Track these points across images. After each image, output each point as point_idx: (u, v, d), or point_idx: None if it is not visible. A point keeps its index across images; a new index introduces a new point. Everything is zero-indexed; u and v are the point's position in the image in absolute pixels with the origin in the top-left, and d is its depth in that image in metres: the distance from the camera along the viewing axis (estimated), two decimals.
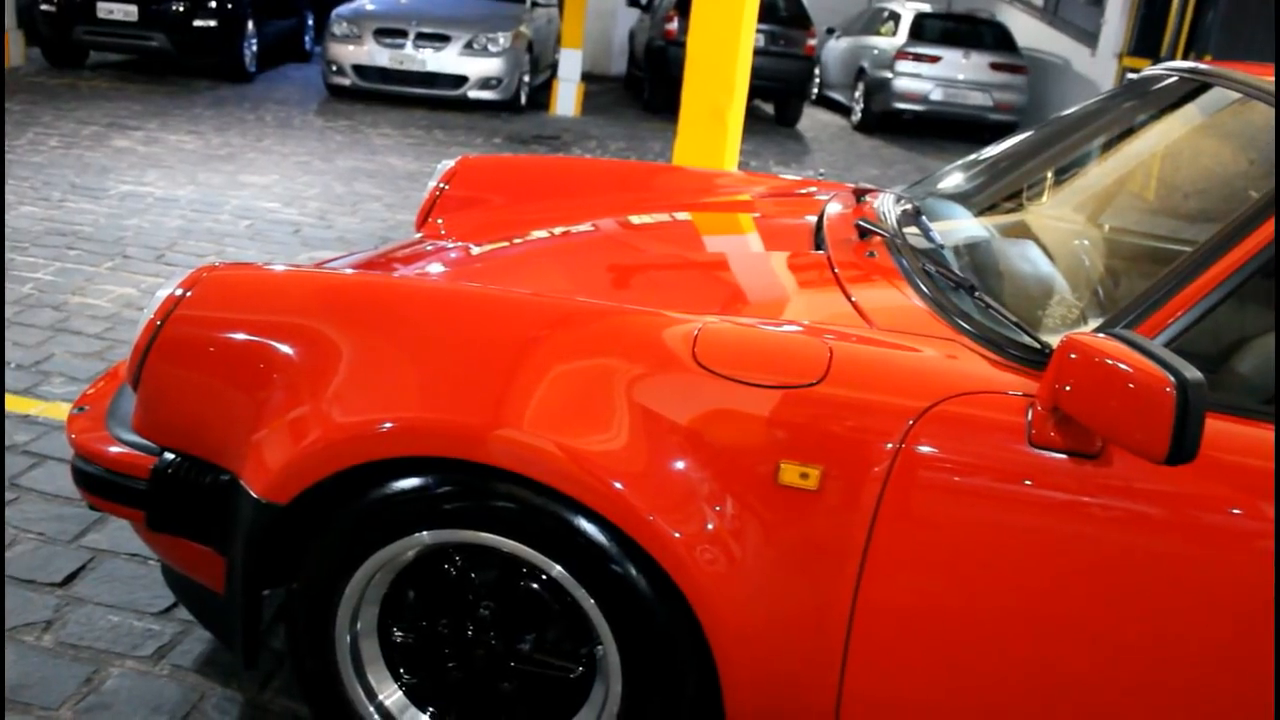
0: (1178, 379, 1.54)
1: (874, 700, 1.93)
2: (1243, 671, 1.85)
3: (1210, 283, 1.79)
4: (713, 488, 1.83)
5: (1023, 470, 1.75)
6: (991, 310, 1.95)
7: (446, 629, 2.06)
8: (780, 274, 2.41)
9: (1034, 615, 1.84)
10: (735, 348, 1.85)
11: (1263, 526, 1.77)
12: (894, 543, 1.79)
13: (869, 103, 13.27)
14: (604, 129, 11.30)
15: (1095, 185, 2.66)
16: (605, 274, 2.52)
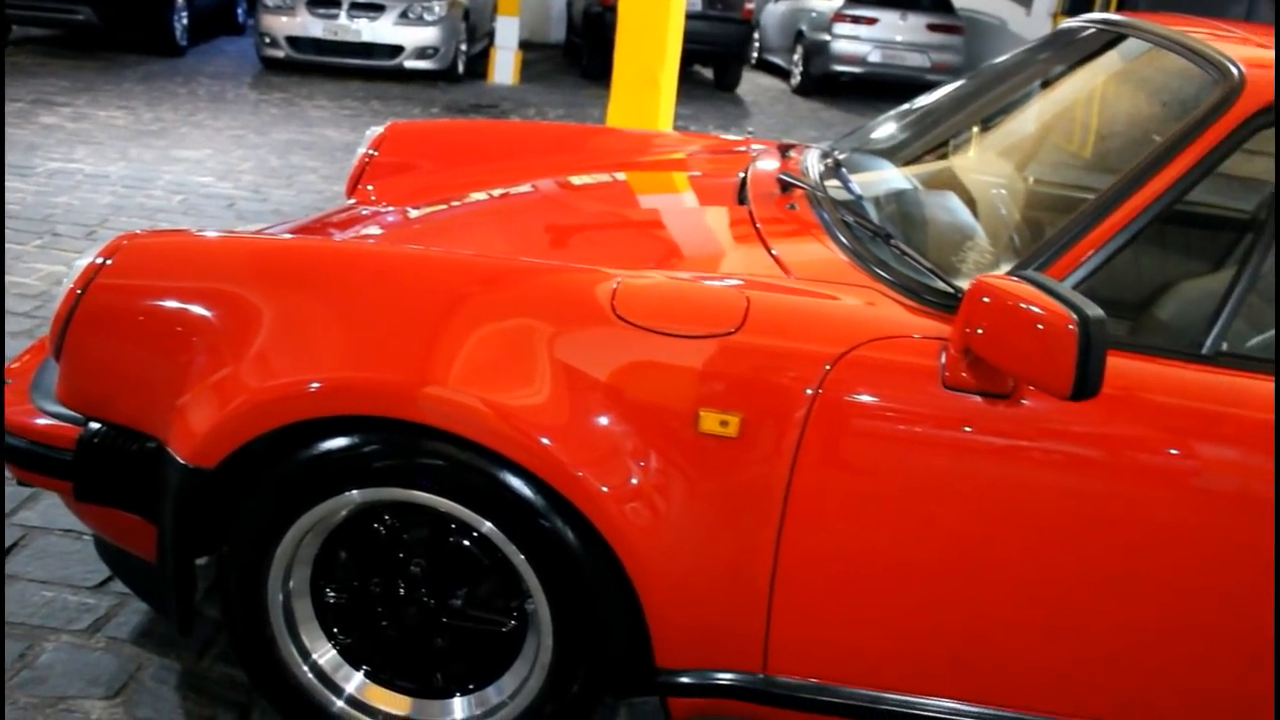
0: (1079, 316, 1.58)
1: (800, 646, 1.97)
2: (1168, 607, 1.91)
3: (1115, 226, 1.84)
4: (637, 439, 1.85)
5: (936, 412, 1.79)
6: (907, 258, 1.99)
7: (379, 588, 2.07)
8: (703, 229, 2.43)
9: (954, 556, 1.88)
10: (654, 300, 1.87)
11: (1184, 464, 1.83)
12: (814, 488, 1.83)
13: (808, 66, 13.29)
14: (543, 97, 11.24)
15: (1015, 136, 2.70)
16: (539, 233, 2.53)
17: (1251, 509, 1.85)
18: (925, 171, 2.62)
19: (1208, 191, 3.14)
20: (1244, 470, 1.84)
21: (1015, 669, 2.00)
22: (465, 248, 2.29)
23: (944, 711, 2.03)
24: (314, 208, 6.24)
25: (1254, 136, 1.92)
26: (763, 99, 12.81)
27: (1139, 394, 1.82)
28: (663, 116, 5.14)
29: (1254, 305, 3.08)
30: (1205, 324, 1.90)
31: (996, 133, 2.70)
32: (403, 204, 2.84)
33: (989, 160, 2.70)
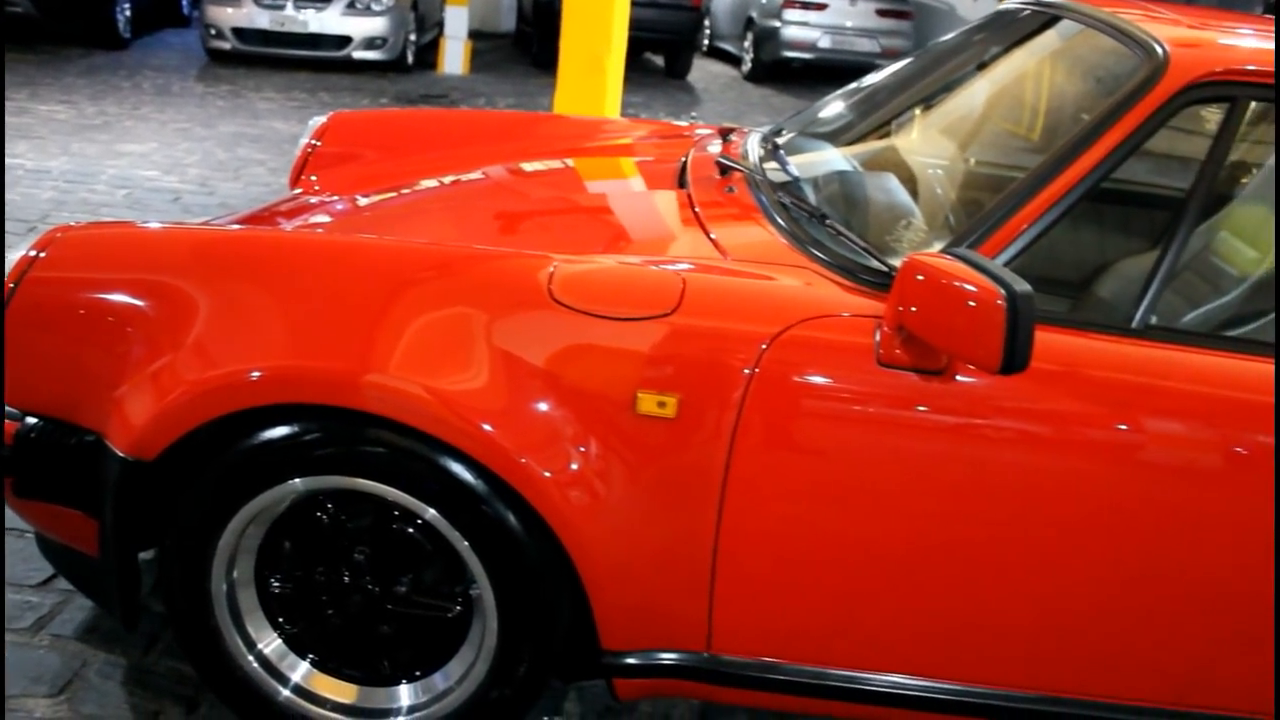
0: (1007, 291, 1.61)
1: (744, 625, 1.99)
2: (1107, 577, 1.95)
3: (1044, 204, 1.88)
4: (577, 423, 1.86)
5: (871, 389, 1.82)
6: (842, 237, 2.01)
7: (323, 576, 2.07)
8: (642, 213, 2.44)
9: (893, 531, 1.91)
10: (590, 284, 1.88)
11: (1114, 436, 1.87)
12: (752, 466, 1.85)
13: (758, 52, 13.32)
14: (493, 86, 11.20)
15: (953, 117, 2.73)
16: (484, 219, 2.52)
17: (1185, 478, 1.89)
18: (865, 152, 2.64)
19: (1141, 170, 3.19)
20: (1175, 441, 1.89)
21: (959, 642, 2.04)
22: (415, 235, 2.29)
23: (889, 686, 2.06)
24: (261, 200, 6.17)
25: (1179, 114, 1.95)
26: (714, 86, 12.83)
27: (1068, 368, 1.86)
28: (610, 103, 5.14)
29: (1190, 281, 3.14)
30: (1135, 299, 1.93)
31: (935, 114, 2.73)
32: (347, 193, 2.83)
33: (928, 141, 2.73)
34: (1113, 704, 2.09)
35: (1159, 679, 2.08)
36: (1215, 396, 1.90)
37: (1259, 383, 1.93)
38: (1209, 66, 1.95)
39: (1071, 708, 2.08)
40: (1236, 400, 1.92)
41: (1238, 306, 2.83)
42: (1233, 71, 1.96)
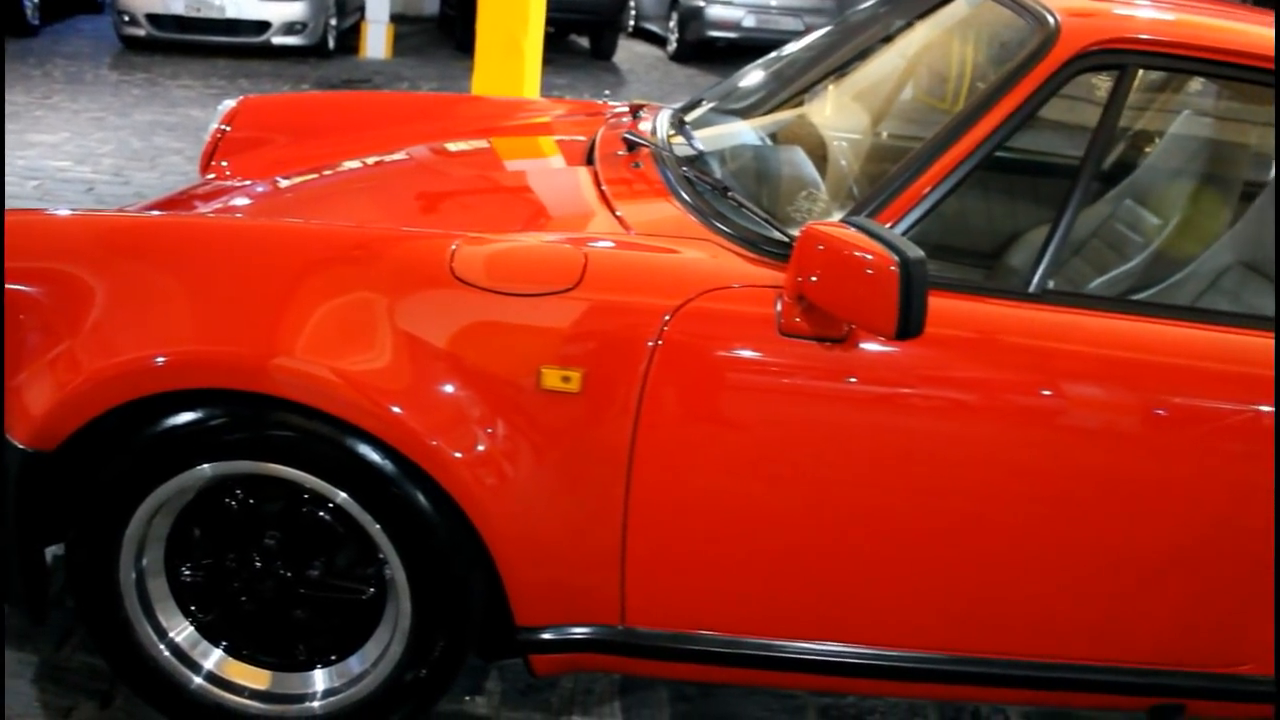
0: (900, 257, 1.63)
1: (657, 596, 2.01)
2: (1010, 539, 2.00)
3: (940, 173, 1.90)
4: (483, 401, 1.86)
5: (773, 359, 1.84)
6: (744, 209, 2.02)
7: (234, 562, 2.05)
8: (549, 191, 2.44)
9: (801, 499, 1.93)
10: (492, 261, 1.88)
11: (1011, 398, 1.90)
12: (658, 438, 1.86)
13: (683, 32, 13.30)
14: (416, 70, 11.09)
15: (859, 87, 2.76)
16: (387, 201, 2.50)
17: (1081, 438, 1.94)
18: (775, 125, 2.66)
19: (1056, 140, 3.25)
20: (1070, 402, 1.93)
21: (872, 607, 2.07)
22: (337, 216, 2.27)
23: (804, 653, 2.09)
24: (178, 190, 6.07)
25: (1070, 82, 1.99)
26: (639, 67, 12.81)
27: (966, 332, 1.89)
28: (528, 84, 5.12)
29: (1098, 249, 3.20)
30: (1031, 264, 1.97)
31: (844, 85, 2.76)
32: (261, 177, 2.79)
33: (836, 112, 2.76)
34: (1025, 661, 2.14)
35: (1071, 636, 2.13)
36: (1112, 358, 1.95)
37: (1156, 344, 1.98)
38: (1099, 35, 1.99)
39: (985, 667, 2.13)
40: (1135, 361, 1.96)
41: (1142, 272, 2.90)
42: (1123, 40, 2.00)
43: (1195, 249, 2.73)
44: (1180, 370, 1.98)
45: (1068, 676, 2.16)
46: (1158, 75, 3.16)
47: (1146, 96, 3.36)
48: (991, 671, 2.15)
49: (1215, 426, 1.97)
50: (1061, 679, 2.16)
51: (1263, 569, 2.07)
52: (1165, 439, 1.98)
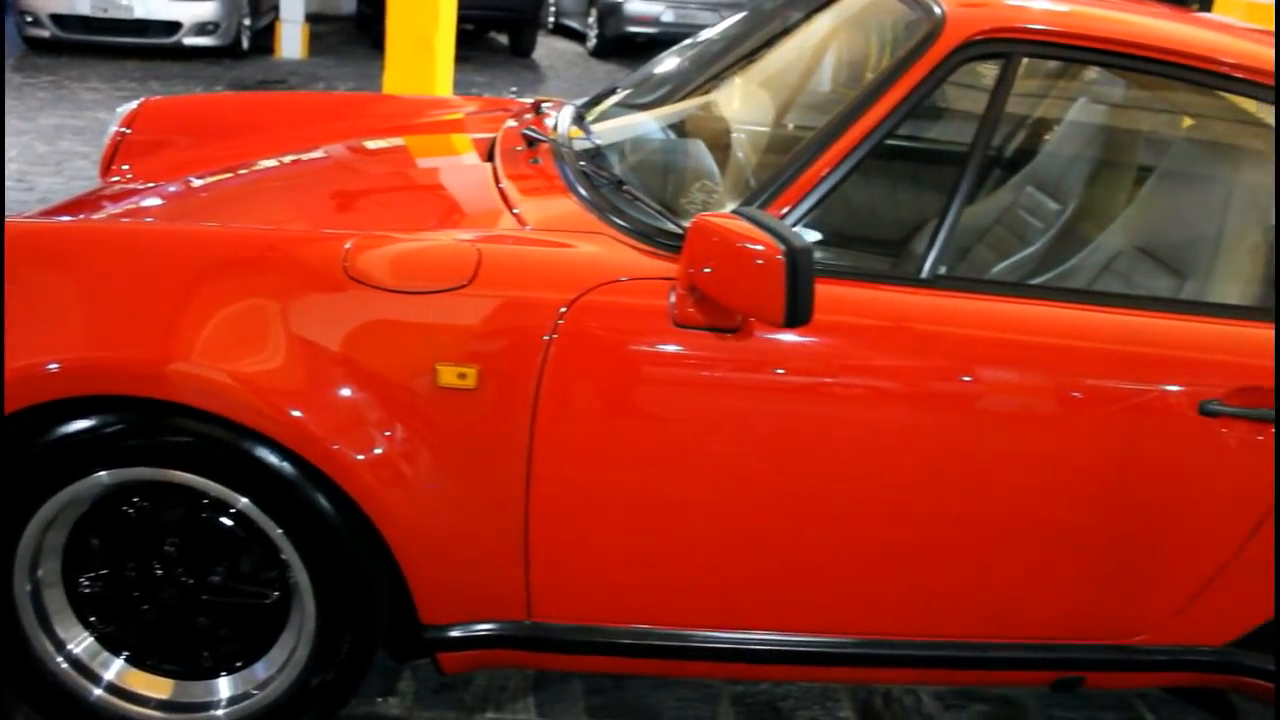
0: (787, 246, 1.66)
1: (561, 590, 2.01)
2: (913, 521, 2.03)
3: (830, 162, 1.93)
4: (382, 401, 1.85)
5: (668, 350, 1.85)
6: (639, 203, 2.03)
7: (134, 571, 2.02)
8: (449, 188, 2.43)
9: (701, 488, 1.95)
10: (385, 260, 1.87)
11: (903, 384, 1.94)
12: (557, 432, 1.86)
13: (603, 28, 13.30)
14: (333, 70, 10.97)
15: (760, 78, 2.78)
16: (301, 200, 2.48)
17: (975, 420, 1.98)
18: (676, 117, 2.67)
19: (949, 128, 3.30)
20: (963, 384, 1.96)
21: (778, 594, 2.09)
22: (250, 215, 2.24)
23: (715, 642, 2.11)
24: None
25: (957, 71, 2.02)
26: (559, 63, 12.79)
27: (857, 319, 1.92)
28: (440, 82, 5.09)
29: (1001, 234, 3.26)
30: (923, 251, 2.00)
31: (743, 76, 2.77)
32: (165, 180, 2.74)
33: (735, 103, 2.78)
34: (932, 642, 2.18)
35: (976, 615, 2.17)
36: (1002, 341, 1.99)
37: (1046, 327, 2.02)
38: (983, 25, 2.02)
39: (895, 649, 2.17)
40: (1024, 344, 2.00)
41: (1043, 256, 2.96)
42: (1007, 29, 2.04)
43: (1093, 233, 2.79)
44: (1072, 351, 2.02)
45: (974, 655, 2.20)
46: (1057, 63, 3.23)
47: (1047, 84, 3.43)
48: (900, 653, 2.18)
49: (1107, 406, 2.02)
50: (968, 658, 2.20)
51: (1155, 543, 2.13)
52: (1057, 419, 2.03)
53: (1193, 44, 2.15)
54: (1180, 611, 2.19)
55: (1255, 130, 2.52)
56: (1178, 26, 2.24)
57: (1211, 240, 2.37)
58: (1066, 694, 2.48)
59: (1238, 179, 2.39)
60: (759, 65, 2.78)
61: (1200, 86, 2.21)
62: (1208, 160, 2.53)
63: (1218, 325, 2.13)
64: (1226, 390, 2.03)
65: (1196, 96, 2.59)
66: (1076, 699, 2.57)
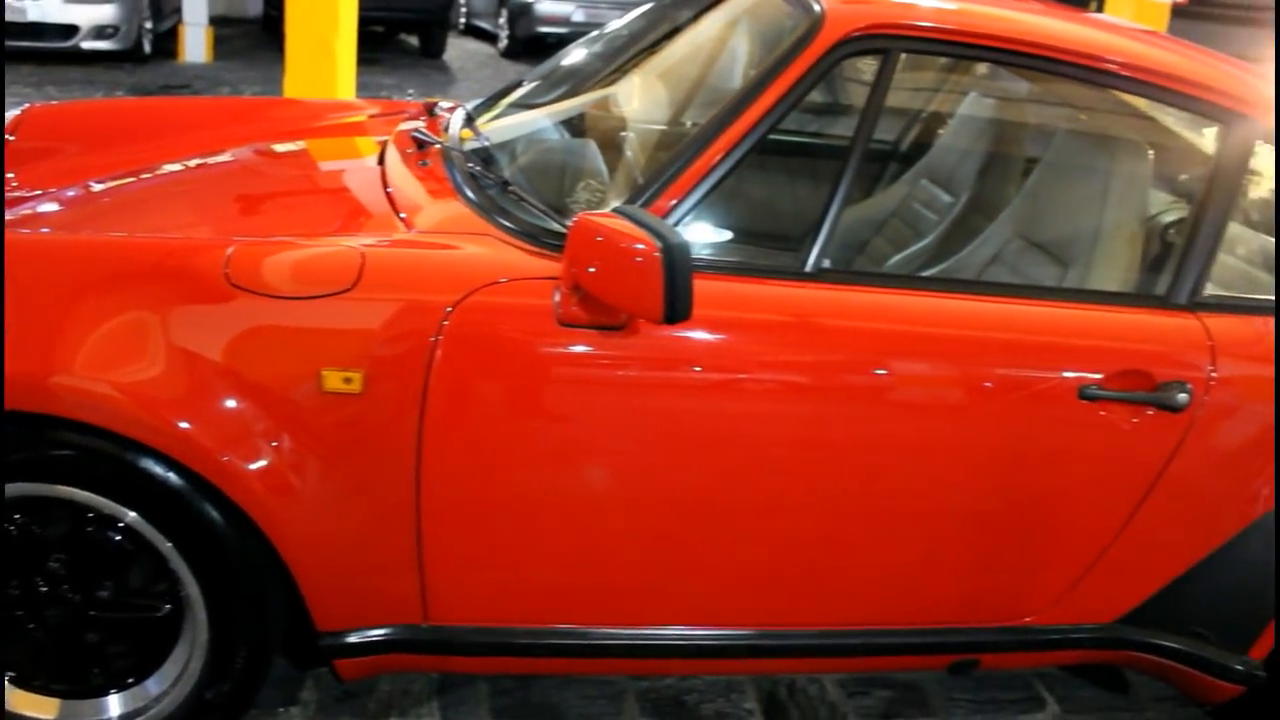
0: (663, 243, 1.67)
1: (457, 592, 2.01)
2: (806, 512, 2.06)
3: (712, 159, 1.95)
4: (268, 408, 1.83)
5: (554, 349, 1.86)
6: (525, 203, 2.04)
7: (17, 590, 1.97)
8: (335, 192, 2.41)
9: (592, 485, 1.97)
10: (267, 265, 1.85)
11: (789, 377, 1.96)
12: (445, 435, 1.86)
13: (513, 29, 13.25)
14: (239, 74, 10.79)
15: (650, 76, 2.79)
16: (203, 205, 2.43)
17: (862, 410, 2.01)
18: (568, 115, 2.68)
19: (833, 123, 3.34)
20: (847, 374, 1.99)
21: (677, 589, 2.11)
22: (152, 221, 2.21)
23: (617, 638, 2.13)
24: None
25: (837, 67, 2.05)
26: (470, 64, 12.73)
27: (741, 314, 1.94)
28: (342, 85, 5.04)
29: (896, 227, 3.31)
30: (808, 245, 2.02)
31: (633, 74, 2.78)
32: (50, 189, 2.67)
33: (625, 101, 2.79)
34: (831, 631, 2.21)
35: (873, 603, 2.21)
36: (884, 332, 2.02)
37: (927, 316, 2.06)
38: (861, 21, 2.06)
39: (795, 639, 2.20)
40: (905, 334, 2.04)
41: (936, 248, 3.01)
42: (885, 25, 2.07)
43: (983, 225, 2.85)
44: (955, 341, 2.07)
45: (870, 642, 2.24)
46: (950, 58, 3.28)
47: (941, 78, 3.49)
48: (799, 643, 2.22)
49: (991, 394, 2.07)
50: (864, 645, 2.24)
51: (1042, 526, 2.18)
52: (943, 408, 2.07)
53: (1068, 41, 2.20)
54: (1068, 591, 2.25)
55: (1131, 122, 2.59)
56: (1055, 24, 2.30)
57: (1092, 229, 2.43)
58: (964, 676, 2.54)
59: (1116, 170, 2.46)
60: (650, 63, 2.80)
61: (1071, 80, 2.26)
62: (1088, 152, 2.60)
63: (1097, 312, 2.20)
64: (1105, 375, 2.09)
65: (1077, 90, 2.65)
66: (976, 681, 2.63)
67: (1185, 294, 2.21)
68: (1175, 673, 2.36)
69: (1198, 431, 2.16)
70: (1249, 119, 2.24)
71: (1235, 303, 2.30)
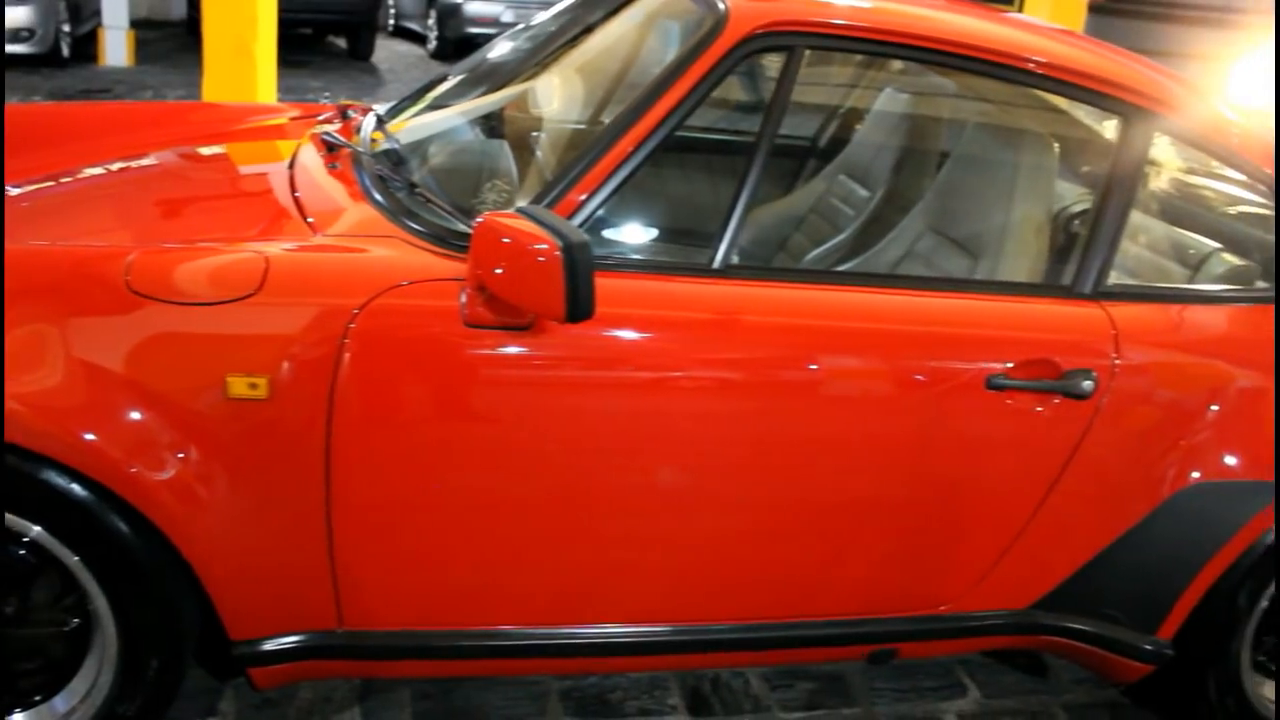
0: (564, 242, 1.68)
1: (372, 596, 2.00)
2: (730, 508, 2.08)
3: (618, 158, 1.96)
4: (174, 416, 1.81)
5: (461, 350, 1.85)
6: (432, 205, 2.03)
7: None
8: (245, 197, 2.39)
9: (504, 485, 1.96)
10: (169, 272, 1.83)
11: (698, 374, 1.98)
12: (353, 439, 1.85)
13: (442, 30, 13.18)
14: (161, 78, 10.62)
15: (559, 77, 2.79)
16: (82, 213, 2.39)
17: (772, 404, 2.03)
18: (479, 116, 2.67)
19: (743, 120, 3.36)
20: (754, 369, 2.01)
21: (594, 587, 2.11)
22: (73, 226, 2.16)
23: (536, 638, 2.12)
24: None
25: (742, 64, 2.07)
26: (399, 66, 12.64)
27: (647, 311, 1.95)
28: (263, 88, 4.98)
29: (815, 223, 3.34)
30: (715, 242, 2.04)
31: (546, 74, 2.77)
32: None
33: (538, 101, 2.79)
34: (752, 624, 2.23)
35: (793, 596, 2.23)
36: (791, 326, 2.04)
37: (837, 310, 2.09)
38: (764, 19, 2.07)
39: (716, 634, 2.21)
40: (814, 328, 2.06)
41: (853, 242, 3.04)
42: (788, 23, 2.09)
43: (899, 219, 2.88)
44: (863, 334, 2.09)
45: (789, 634, 2.26)
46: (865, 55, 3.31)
47: (859, 74, 3.52)
48: (721, 638, 2.23)
49: (901, 385, 2.09)
50: (783, 637, 2.26)
51: (955, 515, 2.21)
52: (853, 400, 2.09)
53: (967, 36, 2.24)
54: (983, 579, 2.29)
55: (1036, 114, 2.64)
56: (955, 19, 2.33)
57: (1001, 222, 2.47)
58: (884, 665, 2.57)
59: (1023, 163, 2.50)
60: (562, 63, 2.79)
61: (970, 73, 2.31)
62: (995, 146, 2.64)
63: (1006, 302, 2.23)
64: (1012, 365, 2.13)
65: (988, 85, 2.68)
66: (898, 670, 2.66)
67: (1090, 284, 2.25)
68: (1089, 654, 2.41)
69: (1104, 418, 2.20)
70: (1147, 112, 2.29)
71: (1139, 291, 2.35)
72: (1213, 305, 2.40)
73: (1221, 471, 2.27)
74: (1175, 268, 2.60)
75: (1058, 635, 2.39)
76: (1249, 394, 2.28)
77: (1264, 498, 2.25)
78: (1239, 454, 2.27)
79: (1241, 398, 2.28)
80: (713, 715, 2.46)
